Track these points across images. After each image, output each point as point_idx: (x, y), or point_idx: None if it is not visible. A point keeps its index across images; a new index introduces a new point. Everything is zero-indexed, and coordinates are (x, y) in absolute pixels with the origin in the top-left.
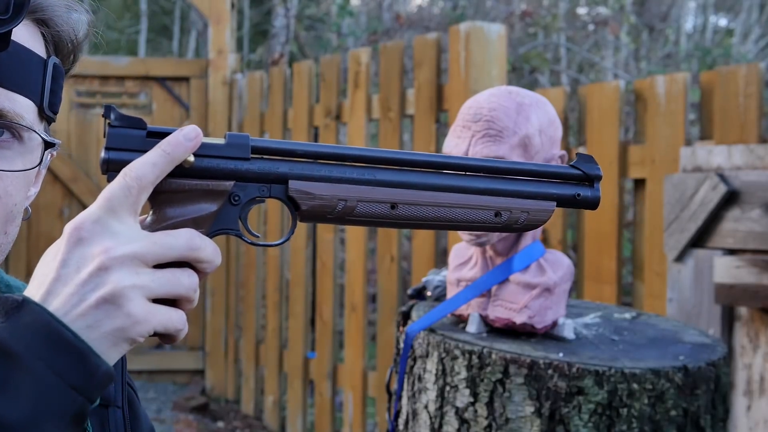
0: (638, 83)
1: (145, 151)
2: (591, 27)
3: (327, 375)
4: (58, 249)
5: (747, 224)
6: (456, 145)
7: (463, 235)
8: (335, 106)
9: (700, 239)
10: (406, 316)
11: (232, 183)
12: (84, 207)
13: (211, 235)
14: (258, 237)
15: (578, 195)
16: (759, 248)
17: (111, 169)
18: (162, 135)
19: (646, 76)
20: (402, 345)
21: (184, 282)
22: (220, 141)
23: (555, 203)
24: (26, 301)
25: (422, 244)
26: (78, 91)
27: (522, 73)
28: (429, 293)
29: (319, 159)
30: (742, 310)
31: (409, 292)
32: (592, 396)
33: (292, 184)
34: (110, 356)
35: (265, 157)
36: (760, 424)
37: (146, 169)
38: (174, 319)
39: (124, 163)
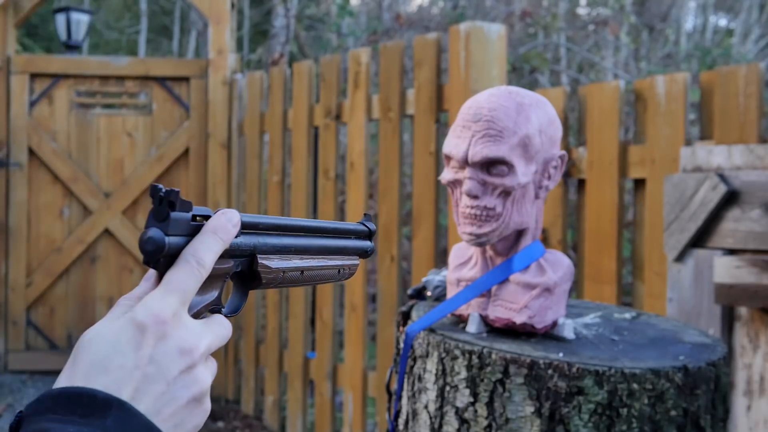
0: (638, 83)
1: (190, 236)
2: (591, 27)
3: (327, 375)
4: (137, 340)
5: (747, 224)
6: (456, 145)
7: (463, 234)
8: (335, 106)
9: (700, 239)
10: (406, 316)
11: (232, 262)
12: (84, 207)
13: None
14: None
15: (367, 250)
16: (759, 248)
17: (166, 254)
18: (204, 217)
19: (646, 76)
20: (402, 345)
21: (215, 367)
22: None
23: (358, 258)
24: (123, 404)
25: (422, 244)
26: (78, 91)
27: (522, 73)
28: (429, 293)
29: (272, 230)
30: (742, 310)
31: (409, 292)
32: (592, 396)
33: (260, 258)
34: None
35: (243, 231)
36: (760, 424)
37: (209, 256)
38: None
39: (179, 248)
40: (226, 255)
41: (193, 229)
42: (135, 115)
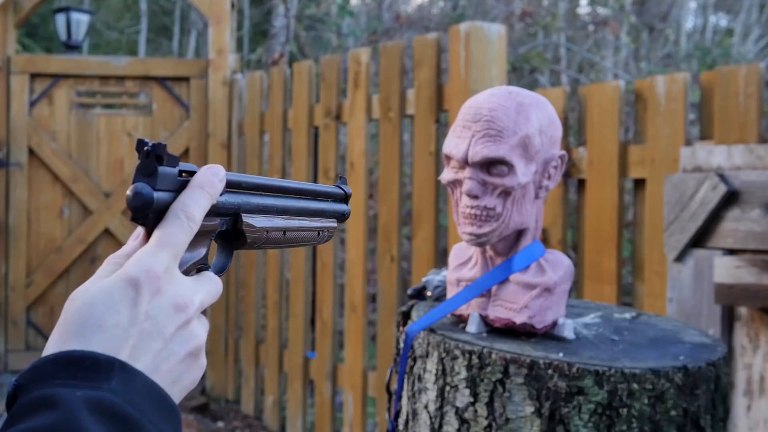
0: (638, 83)
1: (177, 191)
2: (591, 27)
3: (327, 375)
4: (132, 297)
5: (747, 224)
6: (456, 145)
7: (463, 234)
8: (335, 106)
9: (700, 239)
10: (406, 316)
11: (218, 219)
12: (84, 207)
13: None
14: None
15: (343, 214)
16: (759, 248)
17: (154, 210)
18: (190, 173)
19: (646, 76)
20: (402, 345)
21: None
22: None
23: (336, 221)
24: (125, 365)
25: (422, 244)
26: (78, 91)
27: (522, 73)
28: (429, 293)
29: (254, 190)
30: (742, 310)
31: (409, 292)
32: (592, 396)
33: (245, 217)
34: None
35: (228, 189)
36: (760, 424)
37: (198, 210)
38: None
39: (165, 205)
40: (212, 212)
41: (180, 184)
42: (135, 115)
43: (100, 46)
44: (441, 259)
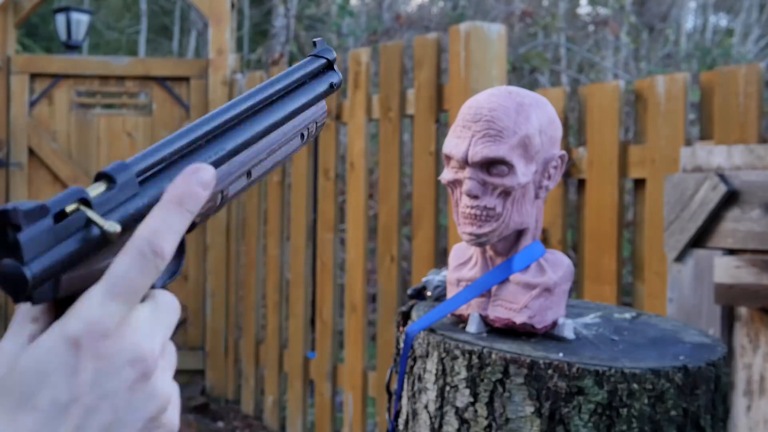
0: (638, 83)
1: (59, 242)
2: (591, 27)
3: (327, 375)
4: (71, 363)
5: (747, 224)
6: (456, 145)
7: (463, 234)
8: (335, 106)
9: (700, 239)
10: (406, 316)
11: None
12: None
13: None
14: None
15: (332, 85)
16: (759, 248)
17: (38, 285)
18: (62, 213)
19: (646, 76)
20: (402, 345)
21: (174, 352)
22: (102, 187)
23: (324, 101)
24: None
25: (422, 244)
26: (78, 91)
27: (522, 73)
28: (429, 293)
29: (183, 152)
30: (742, 310)
31: (409, 292)
32: (592, 396)
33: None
34: None
35: (148, 175)
36: (760, 424)
37: (170, 240)
38: (177, 394)
39: (52, 269)
40: (130, 226)
41: (64, 230)
42: (135, 115)
43: (100, 46)
44: (441, 259)
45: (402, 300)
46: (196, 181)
